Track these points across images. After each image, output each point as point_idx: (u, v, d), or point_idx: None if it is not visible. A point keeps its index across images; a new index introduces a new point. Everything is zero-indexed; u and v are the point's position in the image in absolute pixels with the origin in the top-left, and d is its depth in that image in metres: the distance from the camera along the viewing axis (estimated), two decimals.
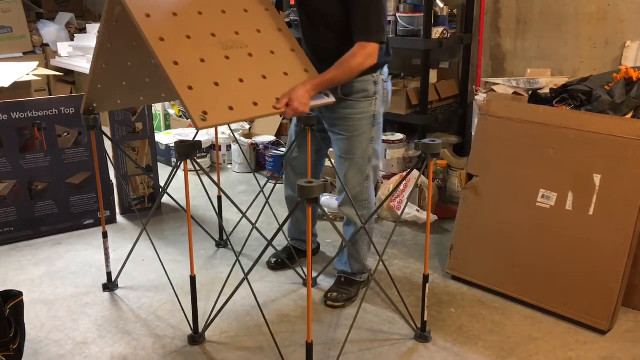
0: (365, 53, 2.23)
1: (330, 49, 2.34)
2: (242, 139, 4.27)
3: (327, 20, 2.36)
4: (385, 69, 2.47)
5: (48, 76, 5.13)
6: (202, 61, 2.19)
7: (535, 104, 2.72)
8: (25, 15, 5.63)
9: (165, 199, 3.49)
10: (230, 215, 3.36)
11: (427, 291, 2.28)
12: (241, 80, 2.24)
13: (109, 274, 2.69)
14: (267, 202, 2.84)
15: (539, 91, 2.93)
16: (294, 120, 2.67)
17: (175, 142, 2.13)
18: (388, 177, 3.59)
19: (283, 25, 2.48)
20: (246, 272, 2.18)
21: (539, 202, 2.50)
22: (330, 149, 2.64)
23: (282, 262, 2.81)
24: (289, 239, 2.92)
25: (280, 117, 2.26)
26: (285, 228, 3.05)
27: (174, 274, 2.67)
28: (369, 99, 2.41)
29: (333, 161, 2.60)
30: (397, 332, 2.37)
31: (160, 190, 3.37)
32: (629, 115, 2.49)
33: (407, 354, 2.24)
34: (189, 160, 2.13)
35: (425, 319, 2.32)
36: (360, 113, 2.41)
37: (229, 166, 4.40)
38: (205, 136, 4.32)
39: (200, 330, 2.32)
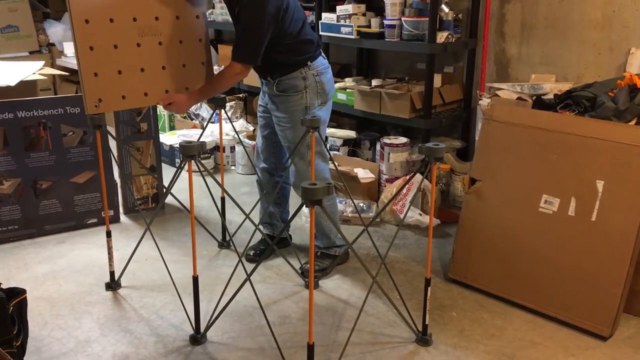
0: (232, 72, 2.54)
1: None
2: (246, 140, 4.29)
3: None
4: (318, 63, 2.67)
5: (54, 75, 5.14)
6: (115, 47, 2.42)
7: (539, 110, 2.73)
8: (32, 15, 5.65)
9: (169, 199, 3.51)
10: (234, 216, 3.37)
11: (428, 295, 2.29)
12: (142, 70, 2.51)
13: (111, 273, 2.70)
14: (270, 203, 2.85)
15: (543, 97, 2.94)
16: (259, 107, 2.89)
17: (180, 143, 2.15)
18: (391, 180, 3.59)
19: (202, 12, 2.69)
20: (248, 273, 2.19)
21: (541, 208, 2.50)
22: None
23: (261, 252, 2.92)
24: (260, 225, 2.96)
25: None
26: (293, 230, 3.06)
27: (176, 274, 2.68)
28: (299, 93, 2.64)
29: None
30: (398, 335, 2.38)
31: (164, 190, 3.39)
32: (633, 122, 2.49)
33: (408, 357, 2.25)
34: (192, 161, 2.14)
35: (427, 322, 2.32)
36: (294, 106, 2.65)
37: (233, 167, 4.41)
38: (210, 137, 4.33)
39: (202, 330, 2.33)
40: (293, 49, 2.60)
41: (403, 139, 3.66)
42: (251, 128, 4.54)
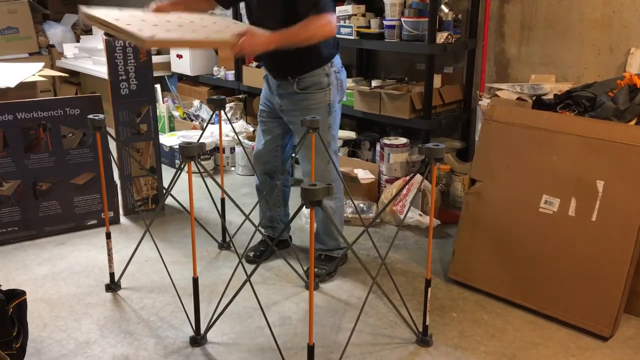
0: (322, 22, 2.34)
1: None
2: (246, 141, 4.29)
3: (277, 17, 2.42)
4: (336, 60, 2.65)
5: (53, 77, 5.15)
6: (155, 25, 2.26)
7: (539, 110, 2.72)
8: (32, 16, 5.66)
9: (169, 200, 3.50)
10: (233, 217, 3.37)
11: (429, 295, 2.29)
12: (194, 31, 2.30)
13: (111, 275, 2.70)
14: (269, 204, 2.85)
15: (542, 97, 2.94)
16: (261, 112, 2.82)
17: (179, 144, 2.14)
18: (391, 181, 3.59)
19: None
20: (248, 274, 2.18)
21: (541, 208, 2.50)
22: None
23: (261, 253, 2.90)
24: (261, 229, 2.95)
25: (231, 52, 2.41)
26: (293, 231, 3.06)
27: (176, 275, 2.68)
28: (323, 90, 2.60)
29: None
30: (398, 336, 2.37)
31: (164, 191, 3.39)
32: (633, 122, 2.49)
33: (409, 358, 2.24)
34: (192, 162, 2.14)
35: (427, 323, 2.32)
36: (316, 104, 2.60)
37: (233, 168, 4.41)
38: (209, 138, 4.33)
39: (202, 331, 2.32)
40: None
41: (403, 140, 3.66)
42: (251, 129, 4.54)
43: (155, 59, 4.98)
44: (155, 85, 4.42)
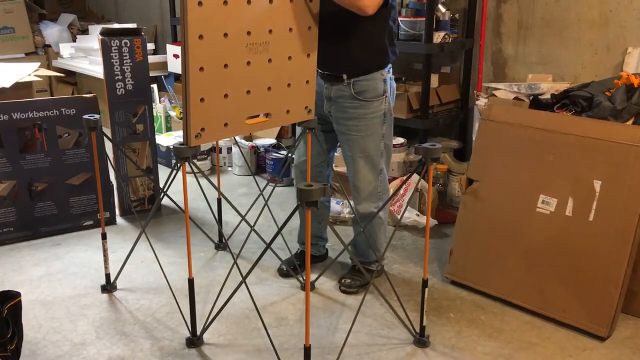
0: None
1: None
2: (243, 141, 4.28)
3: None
4: (390, 67, 2.52)
5: (50, 77, 5.14)
6: (225, 67, 2.13)
7: (536, 110, 2.72)
8: (28, 16, 5.64)
9: (165, 200, 3.49)
10: (230, 217, 3.36)
11: (426, 296, 2.28)
12: (248, 92, 2.24)
13: (107, 276, 2.69)
14: (266, 204, 2.84)
15: (540, 96, 2.93)
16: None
17: (174, 145, 2.13)
18: (388, 180, 3.58)
19: (313, 23, 2.39)
20: (244, 275, 2.17)
21: (539, 208, 2.50)
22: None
23: (295, 268, 2.78)
24: (299, 243, 2.91)
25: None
26: (290, 232, 3.05)
27: (172, 276, 2.67)
28: (379, 99, 2.45)
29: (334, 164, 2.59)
30: (395, 337, 2.37)
31: (160, 192, 3.37)
32: (630, 122, 2.49)
33: (406, 359, 2.24)
34: (187, 163, 2.13)
35: (424, 323, 2.31)
36: (372, 113, 2.45)
37: (230, 169, 4.40)
38: None
39: (198, 332, 2.31)
40: (385, 33, 2.40)
41: (400, 140, 3.66)
42: None
43: (152, 58, 4.96)
44: (152, 85, 4.40)
